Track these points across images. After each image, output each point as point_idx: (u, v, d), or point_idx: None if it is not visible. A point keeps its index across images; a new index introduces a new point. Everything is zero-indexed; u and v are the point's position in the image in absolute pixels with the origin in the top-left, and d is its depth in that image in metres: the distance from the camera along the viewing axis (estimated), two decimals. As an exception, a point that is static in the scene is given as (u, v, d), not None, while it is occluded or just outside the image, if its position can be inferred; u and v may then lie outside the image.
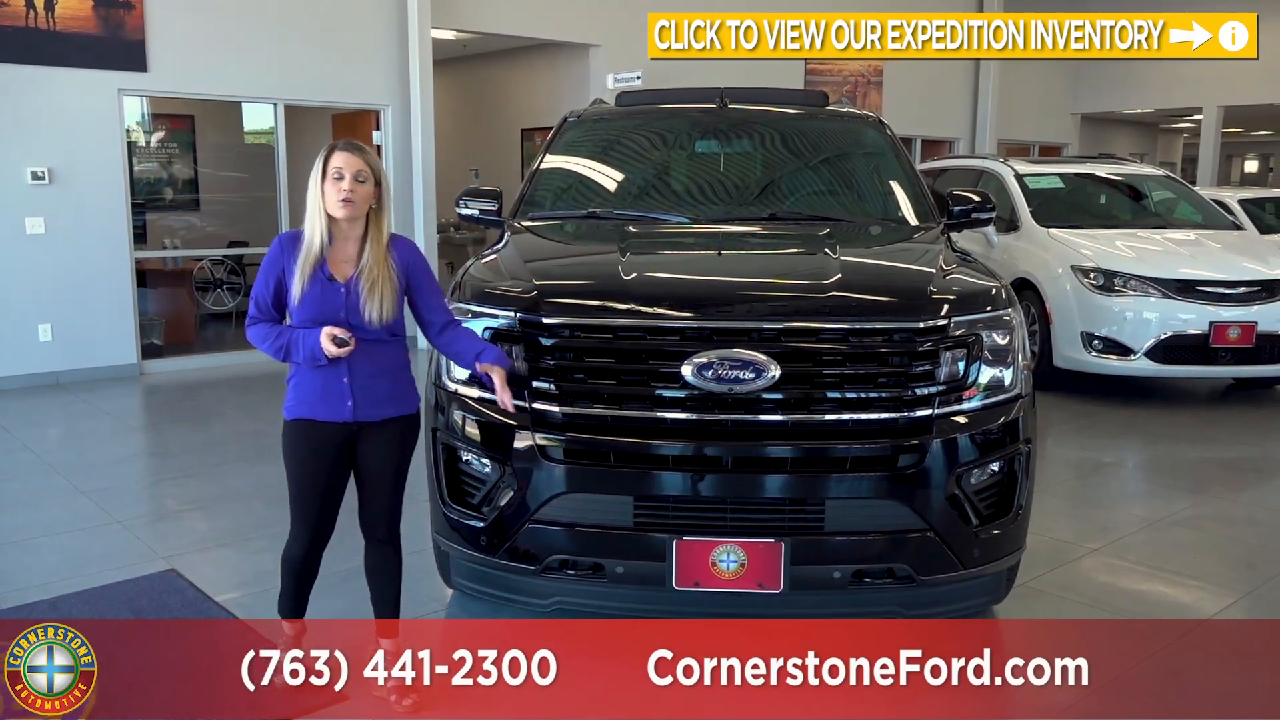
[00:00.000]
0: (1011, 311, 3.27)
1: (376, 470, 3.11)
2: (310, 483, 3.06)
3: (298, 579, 3.20)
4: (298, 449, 3.06)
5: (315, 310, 2.95)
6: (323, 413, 3.01)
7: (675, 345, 3.02)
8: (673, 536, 2.99)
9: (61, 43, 7.70)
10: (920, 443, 3.01)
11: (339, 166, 2.92)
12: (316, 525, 3.12)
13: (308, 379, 3.01)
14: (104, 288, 8.14)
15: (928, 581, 3.08)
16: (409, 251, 3.11)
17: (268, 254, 3.02)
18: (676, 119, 4.83)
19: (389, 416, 3.08)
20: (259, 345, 3.03)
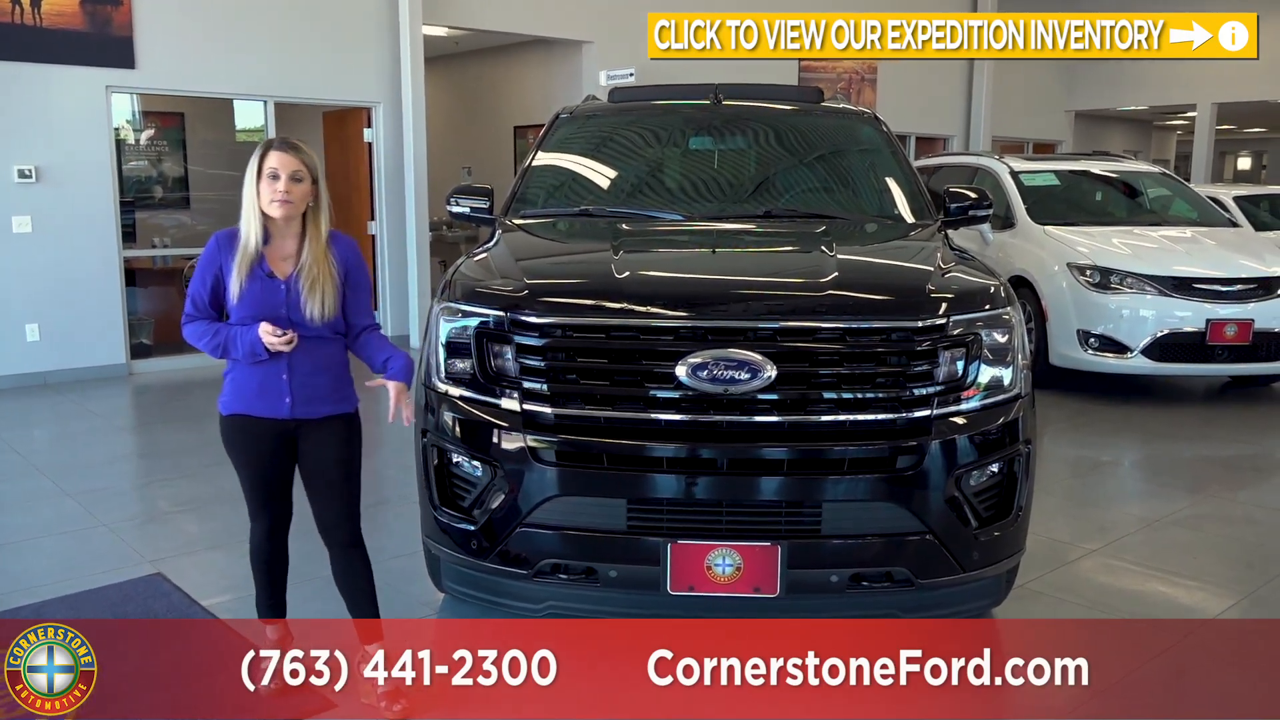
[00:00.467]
0: (1011, 310, 3.22)
1: (322, 470, 3.07)
2: (254, 475, 3.07)
3: (269, 572, 3.18)
4: (235, 444, 3.06)
5: (256, 307, 2.93)
6: (259, 408, 3.00)
7: (669, 345, 2.97)
8: (667, 540, 2.93)
9: (48, 39, 7.62)
10: (919, 444, 2.96)
11: (274, 166, 2.89)
12: (271, 512, 3.12)
13: (245, 374, 3.00)
14: (92, 287, 8.06)
15: (926, 585, 3.03)
16: (348, 250, 3.09)
17: (204, 252, 3.00)
18: (670, 115, 4.78)
19: (328, 415, 3.06)
20: (195, 343, 3.02)
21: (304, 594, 3.82)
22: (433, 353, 3.28)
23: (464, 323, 3.18)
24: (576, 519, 3.01)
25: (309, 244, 2.98)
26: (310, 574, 3.61)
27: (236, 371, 3.02)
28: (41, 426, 6.72)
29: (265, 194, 2.90)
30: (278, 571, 3.20)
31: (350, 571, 3.16)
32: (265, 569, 3.18)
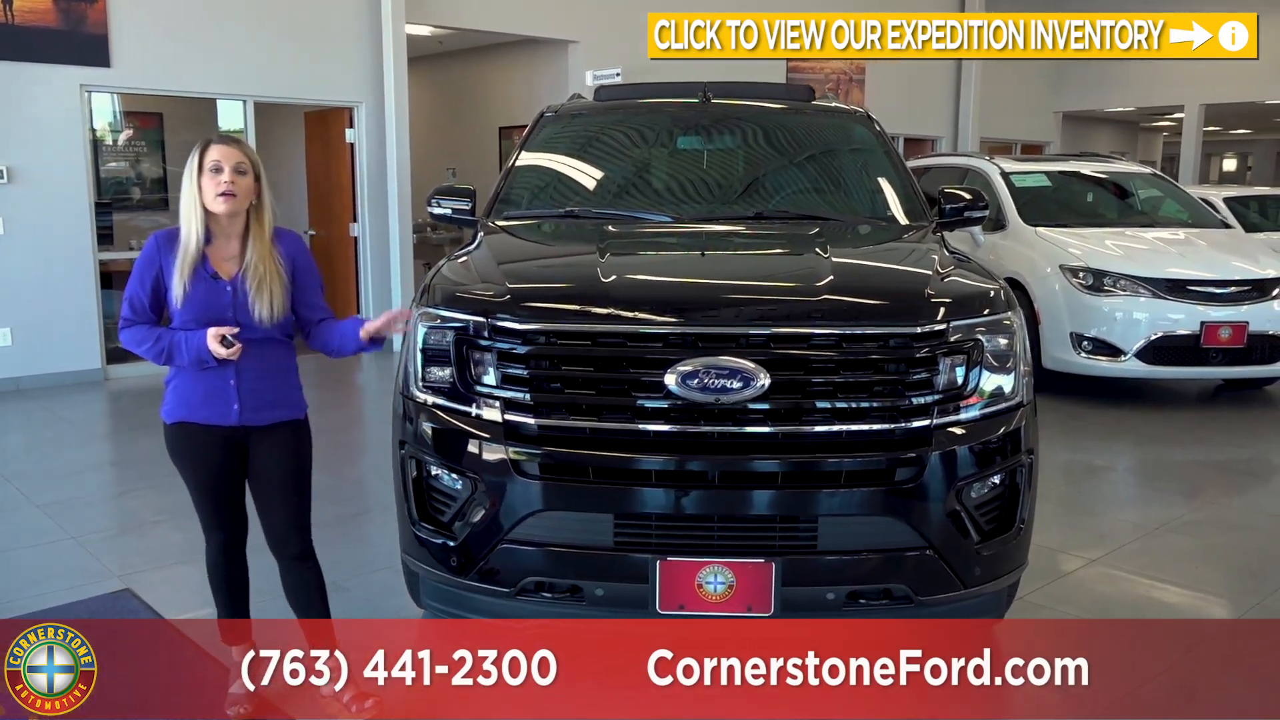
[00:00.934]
0: (1012, 315, 3.10)
1: (271, 478, 2.96)
2: (203, 486, 2.94)
3: (228, 588, 3.05)
4: (181, 454, 2.93)
5: (201, 310, 2.80)
6: (205, 415, 2.87)
7: (658, 352, 2.83)
8: (656, 557, 2.80)
9: (21, 37, 7.44)
10: (918, 455, 2.83)
11: (217, 159, 2.78)
12: (226, 525, 2.99)
13: (190, 380, 2.87)
14: (66, 290, 7.88)
15: (926, 602, 2.90)
16: (295, 246, 2.98)
17: (142, 254, 2.88)
18: (658, 114, 4.64)
19: (276, 421, 2.95)
20: (134, 349, 2.89)
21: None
22: (410, 360, 3.13)
23: (443, 329, 3.03)
24: (561, 535, 2.87)
25: (253, 242, 2.86)
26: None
27: (180, 378, 2.89)
28: (10, 434, 6.54)
29: (208, 189, 2.78)
30: (238, 589, 3.08)
31: (302, 585, 3.05)
32: (224, 586, 3.06)
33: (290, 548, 3.01)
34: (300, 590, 3.04)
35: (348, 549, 4.43)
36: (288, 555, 3.02)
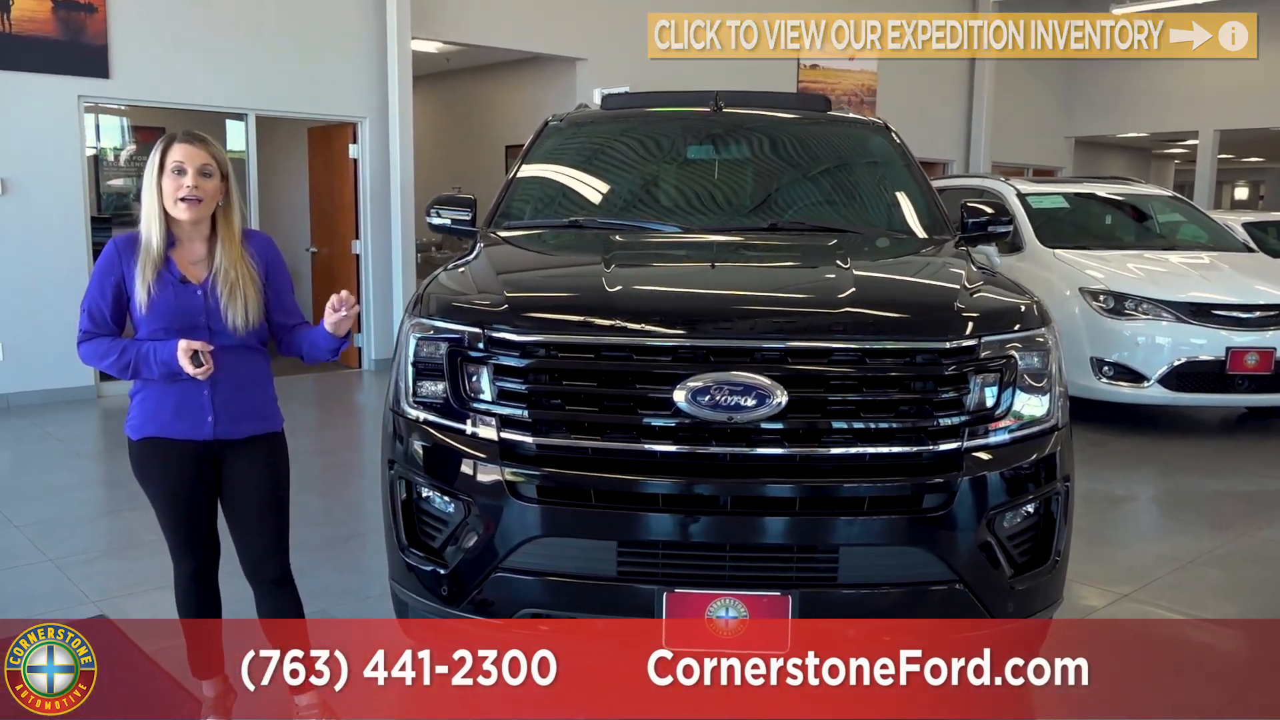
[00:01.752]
0: (1047, 331, 2.89)
1: (248, 496, 2.75)
2: (173, 507, 2.72)
3: (196, 617, 2.84)
4: (151, 472, 2.71)
5: (170, 318, 2.60)
6: (178, 430, 2.66)
7: (666, 367, 2.62)
8: (663, 588, 2.58)
9: (18, 46, 7.30)
10: (947, 480, 2.62)
11: (179, 160, 2.59)
12: (197, 550, 2.78)
13: (159, 393, 2.65)
14: (60, 305, 7.66)
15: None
16: (268, 248, 2.80)
17: (100, 260, 2.69)
18: (667, 123, 4.46)
19: (253, 434, 2.75)
20: (95, 363, 2.69)
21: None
22: (401, 375, 2.93)
23: (436, 340, 2.83)
24: (560, 563, 2.65)
25: (222, 245, 2.67)
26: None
27: (147, 391, 2.68)
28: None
29: (169, 191, 2.59)
30: (207, 620, 2.86)
31: (281, 614, 2.83)
32: (197, 616, 2.84)
33: (268, 571, 2.80)
34: (281, 617, 2.83)
35: (337, 575, 4.23)
36: (265, 580, 2.81)
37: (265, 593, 2.83)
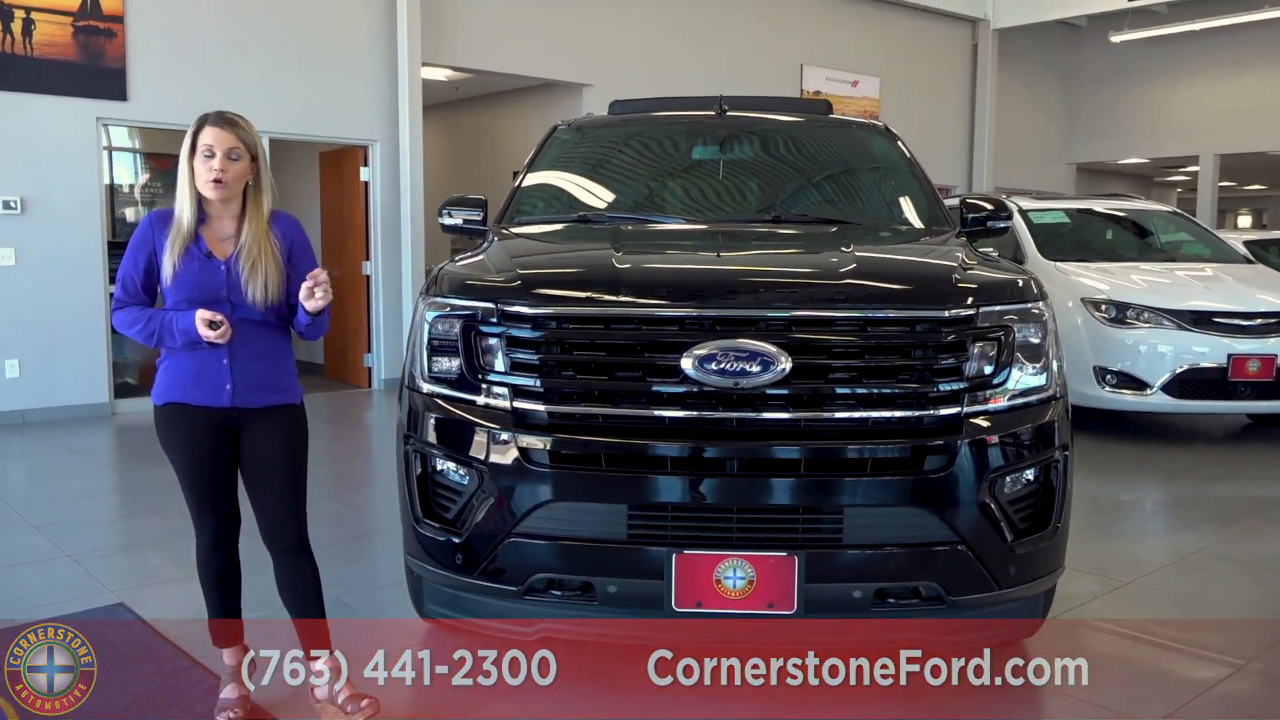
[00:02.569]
0: (1043, 305, 2.97)
1: (266, 465, 2.83)
2: (194, 468, 2.81)
3: (219, 587, 2.91)
4: (174, 436, 2.81)
5: (193, 289, 2.72)
6: (197, 396, 2.77)
7: (674, 336, 2.71)
8: (672, 550, 2.64)
9: (39, 69, 7.48)
10: (948, 443, 2.69)
11: (209, 144, 2.70)
12: (216, 516, 2.86)
13: (182, 361, 2.77)
14: (76, 323, 7.83)
15: (958, 603, 2.73)
16: (293, 229, 2.89)
17: (135, 233, 2.79)
18: (672, 126, 4.58)
19: (271, 404, 2.84)
20: (125, 330, 2.80)
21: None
22: (417, 352, 3.02)
23: (451, 318, 2.92)
24: (572, 527, 2.72)
25: (249, 224, 2.78)
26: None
27: (172, 359, 2.80)
28: (13, 461, 6.43)
29: (200, 173, 2.70)
30: (229, 587, 2.93)
31: (300, 580, 2.90)
32: (215, 585, 2.91)
33: (286, 538, 2.86)
34: (297, 587, 2.90)
35: (350, 569, 4.29)
36: (283, 546, 2.87)
37: (284, 561, 2.89)
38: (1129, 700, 3.10)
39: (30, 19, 7.42)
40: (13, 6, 7.35)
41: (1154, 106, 16.51)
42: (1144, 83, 16.54)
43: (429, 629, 3.48)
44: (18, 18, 7.38)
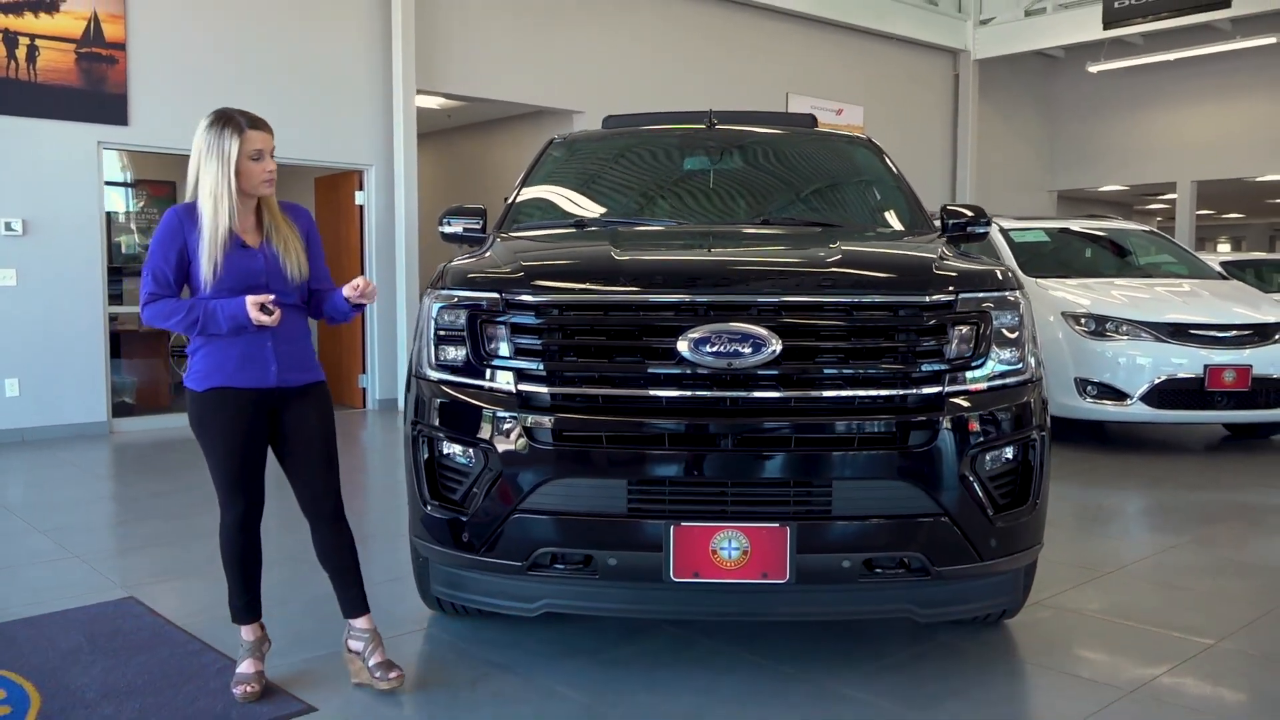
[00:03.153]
0: (1019, 294, 3.14)
1: (306, 440, 3.00)
2: (233, 451, 2.91)
3: (242, 567, 3.02)
4: (216, 419, 2.90)
5: (236, 278, 2.87)
6: (243, 379, 2.91)
7: (670, 321, 2.86)
8: (670, 523, 2.78)
9: (42, 94, 7.65)
10: (930, 419, 2.84)
11: (259, 147, 2.87)
12: (246, 496, 2.97)
13: (224, 347, 2.89)
14: (76, 343, 7.94)
15: (943, 574, 2.87)
16: (305, 217, 3.11)
17: (163, 228, 2.88)
18: (664, 138, 4.76)
19: (308, 382, 3.02)
20: (162, 322, 2.88)
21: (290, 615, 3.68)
22: (424, 343, 3.17)
23: (457, 308, 3.07)
24: (574, 503, 2.86)
25: (269, 211, 2.97)
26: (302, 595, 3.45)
27: (211, 345, 2.91)
28: (16, 475, 6.50)
29: (254, 174, 2.87)
30: (251, 567, 3.05)
31: (339, 546, 3.07)
32: (239, 564, 3.02)
33: (325, 508, 3.03)
34: (338, 552, 3.06)
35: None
36: (324, 517, 3.03)
37: (324, 529, 3.04)
38: (1108, 672, 3.23)
39: (34, 46, 7.59)
40: (17, 34, 7.53)
41: (1132, 135, 16.87)
42: (1122, 112, 16.91)
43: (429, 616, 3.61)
44: (22, 44, 7.55)
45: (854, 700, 2.98)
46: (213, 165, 2.83)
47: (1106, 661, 3.32)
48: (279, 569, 4.27)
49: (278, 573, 4.23)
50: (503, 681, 3.12)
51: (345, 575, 3.07)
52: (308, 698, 2.99)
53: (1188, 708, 2.96)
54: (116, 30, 7.95)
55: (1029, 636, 3.53)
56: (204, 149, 2.85)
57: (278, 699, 2.97)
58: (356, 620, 3.08)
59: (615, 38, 11.32)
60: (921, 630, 3.53)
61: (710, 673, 3.19)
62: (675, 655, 3.33)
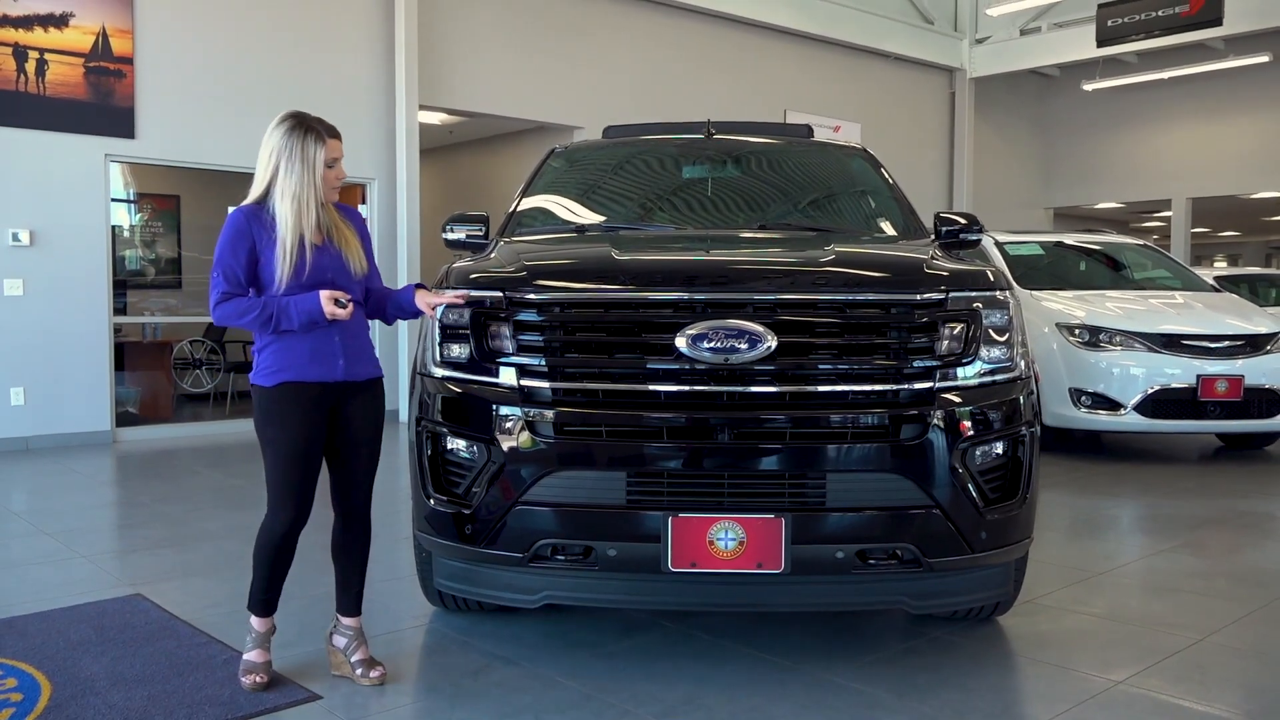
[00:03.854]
0: (1008, 293, 3.22)
1: (361, 431, 3.07)
2: (297, 449, 2.94)
3: (274, 566, 3.04)
4: (286, 413, 2.94)
5: (311, 274, 2.94)
6: (314, 373, 2.96)
7: (668, 317, 2.95)
8: (668, 514, 2.85)
9: (50, 107, 7.76)
10: (921, 413, 2.92)
11: (336, 156, 2.99)
12: (301, 499, 2.98)
13: (293, 342, 2.95)
14: (80, 353, 8.02)
15: (935, 566, 2.94)
16: (358, 218, 3.21)
17: (230, 229, 2.92)
18: (664, 148, 4.85)
19: (370, 376, 3.10)
20: (236, 320, 2.93)
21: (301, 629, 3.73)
22: (429, 341, 3.25)
23: (461, 307, 3.15)
24: (575, 495, 2.93)
25: (326, 211, 3.04)
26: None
27: (280, 342, 2.95)
28: (21, 482, 6.57)
29: (330, 180, 3.01)
30: (283, 569, 3.07)
31: (361, 540, 3.16)
32: (271, 565, 3.03)
33: (358, 497, 3.11)
34: (357, 545, 3.15)
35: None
36: (355, 506, 3.11)
37: (352, 520, 3.12)
38: (1096, 665, 3.29)
39: (44, 60, 7.71)
40: (27, 48, 7.65)
41: (1127, 152, 17.02)
42: (1117, 130, 17.07)
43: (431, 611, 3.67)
44: (32, 59, 7.67)
45: (847, 689, 3.05)
46: (296, 169, 2.90)
47: (1095, 656, 3.38)
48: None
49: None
50: (504, 672, 3.18)
51: (354, 573, 3.14)
52: (313, 687, 3.05)
53: (1173, 698, 3.02)
54: (125, 45, 8.07)
55: (1020, 632, 3.60)
56: (284, 152, 2.92)
57: (283, 687, 3.03)
58: (348, 619, 3.14)
59: (615, 55, 11.47)
60: (915, 626, 3.60)
61: (707, 664, 3.26)
62: (673, 648, 3.40)
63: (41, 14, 7.70)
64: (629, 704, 2.95)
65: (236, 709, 2.88)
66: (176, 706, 2.90)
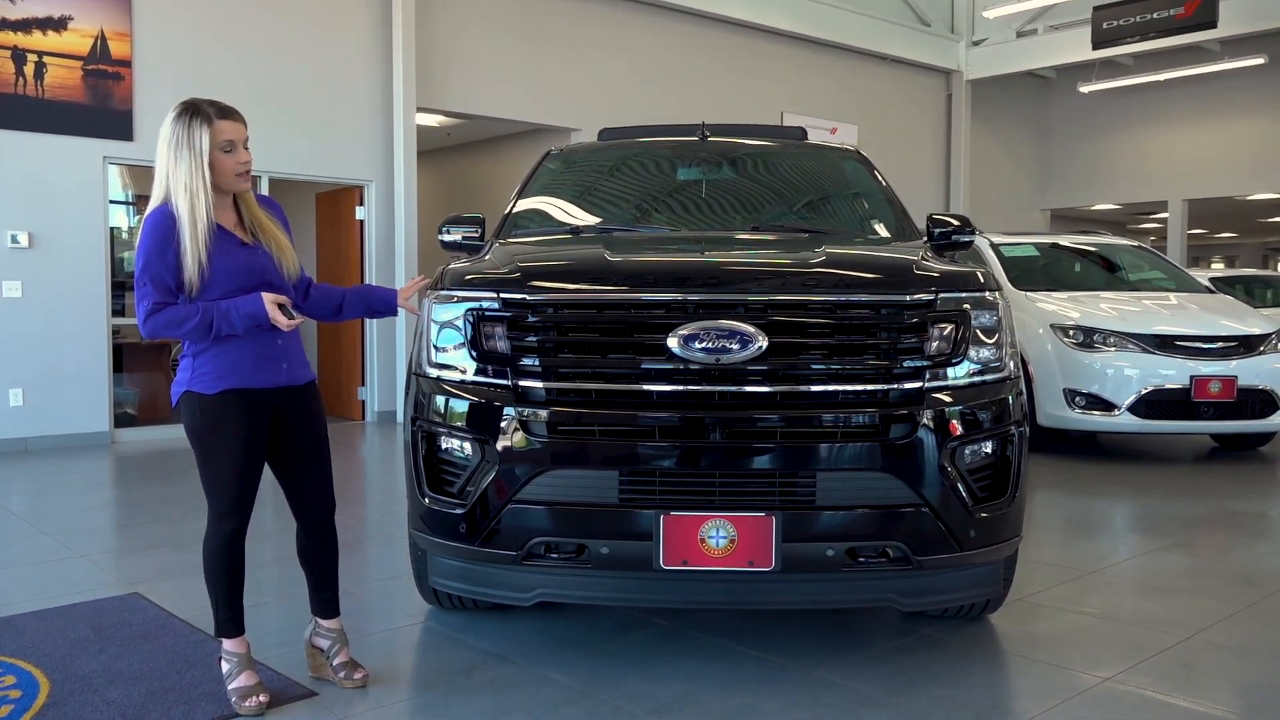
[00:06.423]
0: (997, 295, 3.25)
1: (308, 437, 3.00)
2: (243, 455, 2.82)
3: (230, 578, 2.90)
4: (226, 423, 2.80)
5: (244, 276, 2.80)
6: (257, 379, 2.85)
7: (660, 318, 2.98)
8: (660, 512, 2.88)
9: (49, 110, 7.79)
10: (910, 413, 2.95)
11: (230, 139, 2.73)
12: (246, 504, 2.87)
13: (234, 347, 2.80)
14: (79, 354, 8.05)
15: (925, 564, 2.97)
16: (279, 210, 3.04)
17: (153, 235, 2.69)
18: (658, 150, 4.89)
19: (309, 379, 3.04)
20: (171, 332, 2.74)
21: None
22: (424, 341, 3.28)
23: (456, 308, 3.18)
24: (568, 493, 2.96)
25: (248, 207, 2.89)
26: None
27: (218, 347, 2.80)
28: (20, 483, 6.60)
29: (227, 167, 2.73)
30: (238, 578, 2.92)
31: (327, 544, 3.12)
32: (228, 576, 2.89)
33: (321, 506, 3.06)
34: (324, 550, 3.10)
35: (351, 566, 4.47)
36: (319, 513, 3.05)
37: (315, 528, 3.06)
38: (1086, 661, 3.33)
39: (42, 63, 7.75)
40: (26, 51, 7.68)
41: (1123, 154, 17.07)
42: (1113, 131, 17.12)
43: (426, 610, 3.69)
44: (30, 61, 7.70)
45: (838, 686, 3.08)
46: (185, 157, 2.69)
47: (1084, 653, 3.41)
48: (277, 566, 4.38)
49: (276, 570, 4.34)
50: (498, 670, 3.21)
51: (325, 576, 3.09)
52: (307, 683, 3.08)
53: (1160, 694, 3.06)
54: (123, 48, 8.10)
55: (1010, 630, 3.63)
56: (172, 142, 2.71)
57: (279, 685, 3.06)
58: (327, 621, 3.11)
59: (612, 58, 11.51)
60: (905, 624, 3.63)
61: (699, 661, 3.29)
62: (666, 646, 3.43)
63: (40, 17, 7.74)
64: (622, 701, 2.98)
65: (233, 705, 2.90)
66: (174, 703, 2.93)
